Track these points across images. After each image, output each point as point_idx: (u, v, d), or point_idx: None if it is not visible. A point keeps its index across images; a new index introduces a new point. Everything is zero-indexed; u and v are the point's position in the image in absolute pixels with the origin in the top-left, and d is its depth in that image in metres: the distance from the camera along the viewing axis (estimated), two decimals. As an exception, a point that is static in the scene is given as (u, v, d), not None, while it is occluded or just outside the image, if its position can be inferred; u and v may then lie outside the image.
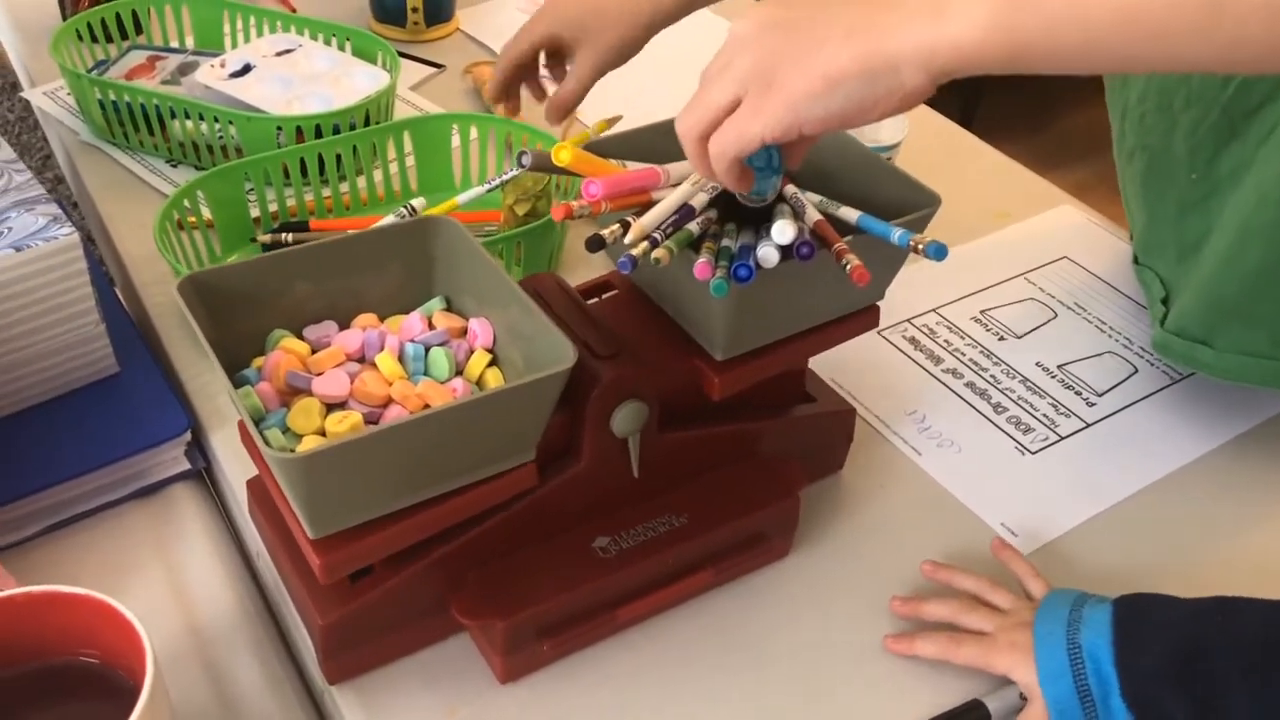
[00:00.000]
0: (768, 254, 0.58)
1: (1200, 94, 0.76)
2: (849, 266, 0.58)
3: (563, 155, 0.60)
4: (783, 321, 0.66)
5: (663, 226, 0.59)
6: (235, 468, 0.75)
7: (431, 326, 0.64)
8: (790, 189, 0.66)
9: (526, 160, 0.62)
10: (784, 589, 0.71)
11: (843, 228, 0.62)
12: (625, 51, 0.84)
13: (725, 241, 0.61)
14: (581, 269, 0.94)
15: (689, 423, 0.67)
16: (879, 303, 0.70)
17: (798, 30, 0.52)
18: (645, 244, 0.57)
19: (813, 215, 0.63)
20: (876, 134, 1.02)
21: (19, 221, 0.72)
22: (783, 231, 0.58)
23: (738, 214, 0.66)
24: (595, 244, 0.57)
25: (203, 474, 0.79)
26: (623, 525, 0.67)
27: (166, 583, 0.71)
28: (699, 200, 0.62)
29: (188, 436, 0.77)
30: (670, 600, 0.68)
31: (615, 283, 0.73)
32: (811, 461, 0.75)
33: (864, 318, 0.70)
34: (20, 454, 0.73)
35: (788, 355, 0.67)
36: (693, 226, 0.61)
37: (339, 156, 0.95)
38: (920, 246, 0.57)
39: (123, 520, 0.75)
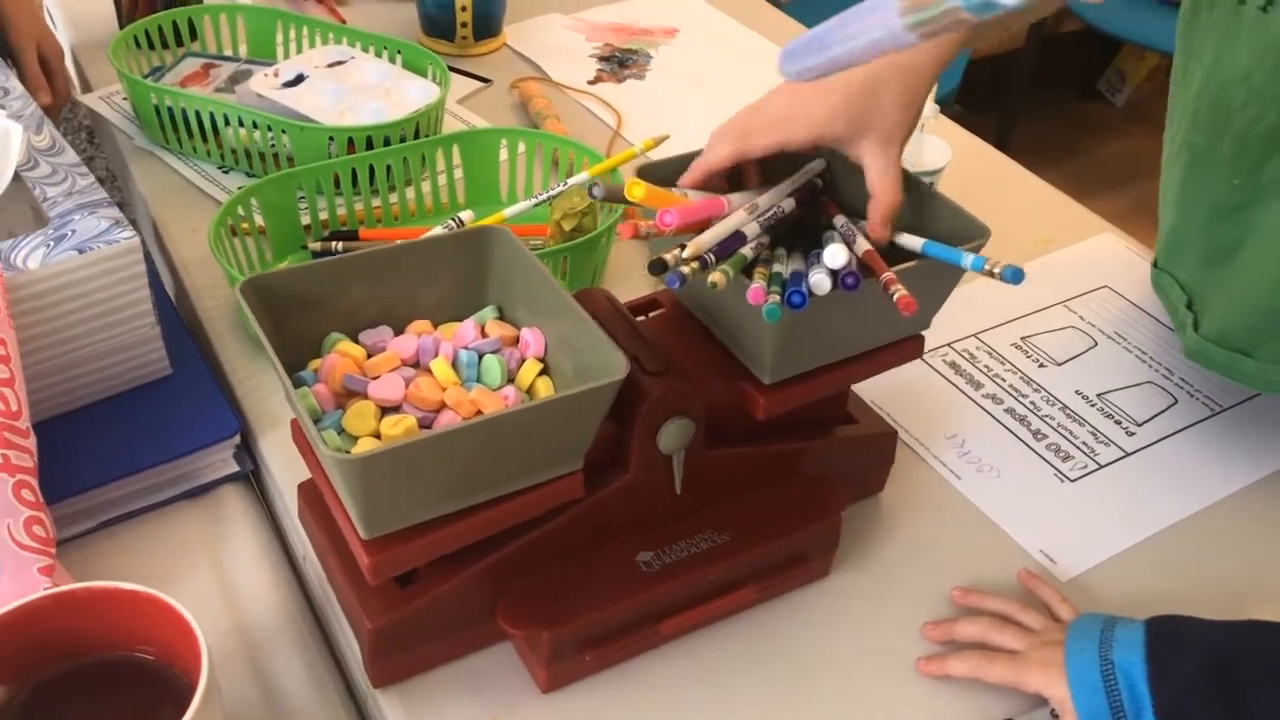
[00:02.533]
0: (820, 280, 0.59)
1: (1261, 92, 0.73)
2: (896, 295, 0.59)
3: (636, 191, 0.62)
4: (830, 348, 0.67)
5: (713, 249, 0.60)
6: (283, 471, 0.77)
7: (484, 334, 0.65)
8: (841, 219, 0.67)
9: (598, 193, 0.63)
10: (823, 608, 0.71)
11: (904, 255, 0.63)
12: (914, 122, 0.69)
13: (776, 267, 0.62)
14: (624, 284, 0.95)
15: (734, 441, 0.68)
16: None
17: None
18: (696, 264, 0.58)
19: (862, 245, 0.64)
20: (920, 159, 1.02)
21: (82, 224, 0.74)
22: (835, 256, 0.59)
23: (787, 240, 0.67)
24: (659, 267, 0.58)
25: (250, 476, 0.80)
26: (666, 540, 0.67)
27: (214, 581, 0.72)
28: (751, 229, 0.63)
29: (237, 439, 0.78)
30: (711, 616, 0.68)
31: (662, 301, 0.74)
32: (852, 482, 0.75)
33: (909, 346, 0.70)
34: (74, 452, 0.75)
35: (833, 381, 0.68)
36: (746, 250, 0.62)
37: (389, 167, 0.97)
38: (996, 271, 0.58)
39: (172, 519, 0.76)
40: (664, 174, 0.69)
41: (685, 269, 0.58)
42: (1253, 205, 0.76)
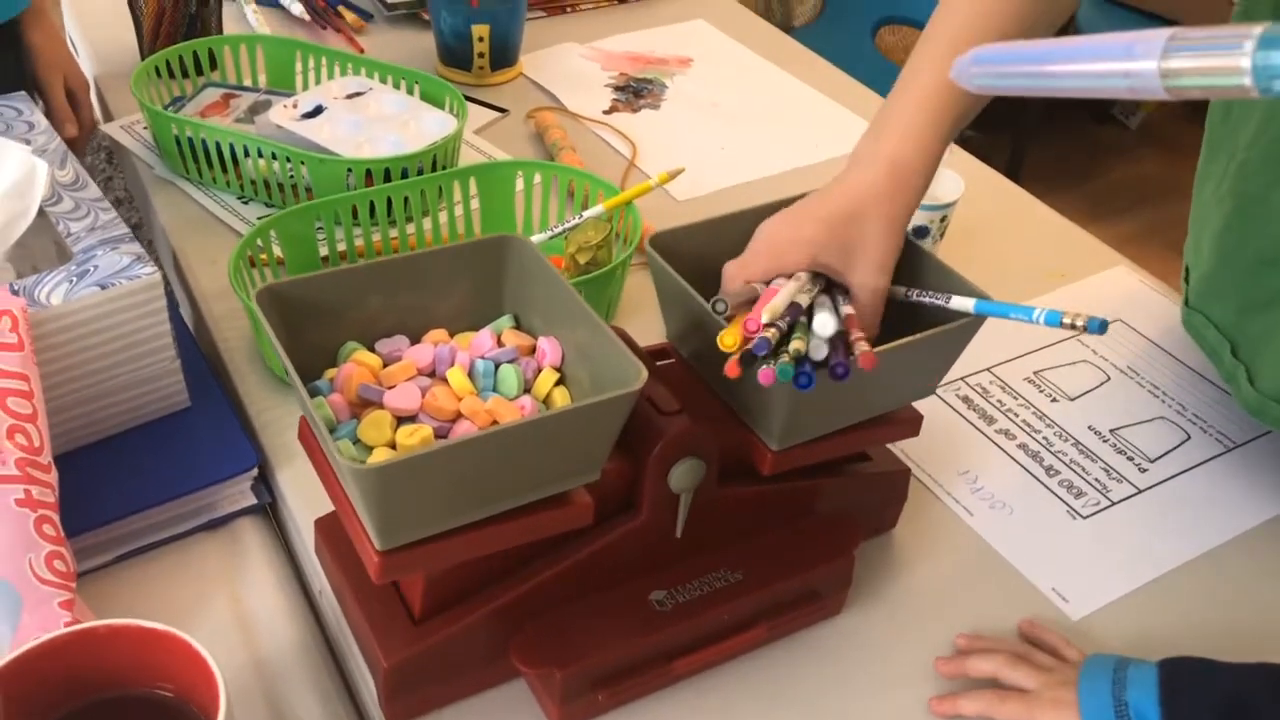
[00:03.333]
0: (817, 345, 0.62)
1: None
2: (857, 353, 0.61)
3: (728, 340, 0.61)
4: (837, 416, 0.67)
5: (778, 321, 0.61)
6: (301, 504, 0.77)
7: (501, 344, 0.65)
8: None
9: (722, 308, 0.65)
10: (836, 646, 0.72)
11: (926, 312, 0.64)
12: (898, 251, 0.68)
13: (796, 344, 0.62)
14: (636, 319, 0.96)
15: (746, 479, 0.68)
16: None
17: None
18: (774, 330, 0.60)
19: (845, 309, 0.65)
20: (934, 193, 1.03)
21: (105, 260, 0.75)
22: (824, 325, 0.62)
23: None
24: (748, 360, 0.59)
25: (268, 509, 0.81)
26: (679, 579, 0.68)
27: (231, 615, 0.73)
28: (804, 299, 0.64)
29: (255, 472, 0.79)
30: (724, 655, 0.69)
31: (672, 352, 0.74)
32: (865, 520, 0.76)
33: (911, 421, 0.72)
34: (94, 485, 0.75)
35: (839, 446, 0.69)
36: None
37: (406, 199, 0.98)
38: (1080, 324, 0.59)
39: (190, 552, 0.77)
40: (677, 242, 0.70)
41: (769, 333, 0.59)
42: None
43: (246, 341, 0.91)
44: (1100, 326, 0.57)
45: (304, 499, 0.77)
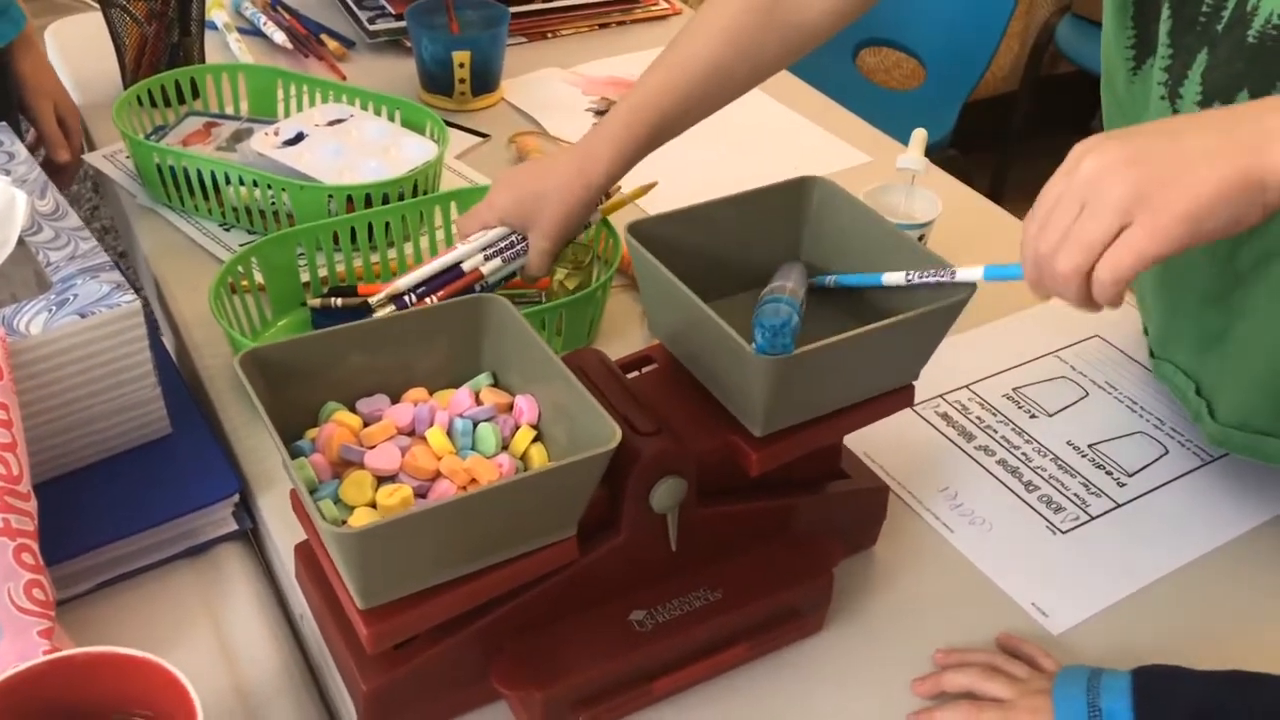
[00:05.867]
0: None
1: None
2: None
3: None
4: (821, 399, 0.68)
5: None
6: (281, 530, 0.78)
7: (479, 402, 0.66)
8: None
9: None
10: (816, 664, 0.72)
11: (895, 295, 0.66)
12: (571, 227, 0.88)
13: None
14: (618, 339, 0.96)
15: (726, 498, 0.69)
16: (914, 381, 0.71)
17: (1157, 158, 0.55)
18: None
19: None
20: (911, 212, 1.04)
21: (84, 288, 0.75)
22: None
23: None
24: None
25: (249, 535, 0.81)
26: (659, 599, 0.68)
27: (213, 641, 0.73)
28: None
29: (236, 497, 0.79)
30: (704, 674, 0.69)
31: (655, 357, 0.75)
32: (845, 537, 0.76)
33: (899, 396, 0.71)
34: (75, 513, 0.75)
35: (825, 433, 0.69)
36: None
37: (388, 224, 0.98)
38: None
39: (171, 578, 0.77)
40: (655, 228, 0.71)
41: None
42: (1234, 291, 0.77)
43: (227, 368, 0.91)
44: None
45: (285, 524, 0.78)
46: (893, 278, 0.69)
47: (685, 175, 1.19)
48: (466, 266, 0.88)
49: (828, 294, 0.73)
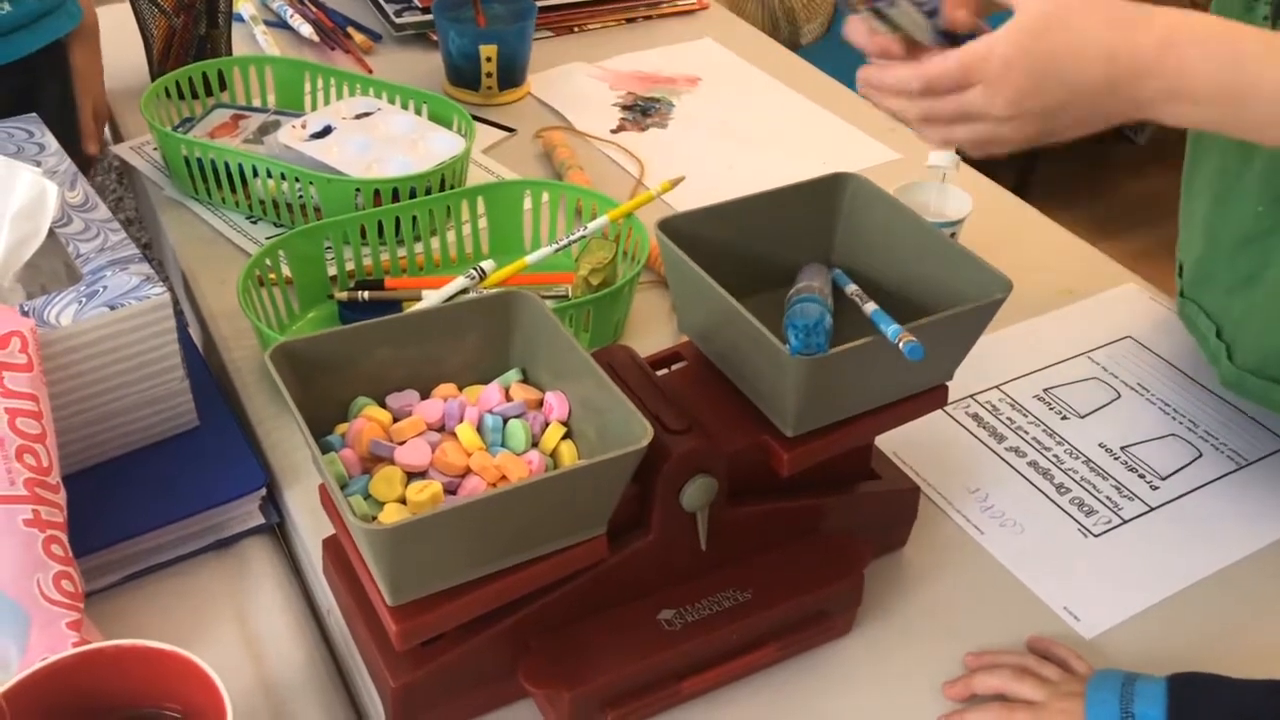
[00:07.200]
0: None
1: None
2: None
3: None
4: (854, 399, 0.67)
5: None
6: (308, 524, 0.77)
7: (509, 398, 0.65)
8: (853, 288, 0.69)
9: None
10: (845, 665, 0.71)
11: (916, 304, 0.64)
12: None
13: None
14: (645, 336, 0.96)
15: (756, 497, 0.68)
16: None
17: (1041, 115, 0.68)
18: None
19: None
20: (942, 210, 1.03)
21: (114, 280, 0.75)
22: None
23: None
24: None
25: (275, 529, 0.81)
26: (688, 598, 0.68)
27: (239, 635, 0.73)
28: None
29: (263, 491, 0.79)
30: (733, 674, 0.68)
31: (685, 355, 0.74)
32: (875, 538, 0.75)
33: (932, 396, 0.71)
34: (102, 505, 0.75)
35: (857, 433, 0.68)
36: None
37: (415, 218, 0.98)
38: (901, 345, 0.61)
39: (198, 571, 0.77)
40: (685, 225, 0.70)
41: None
42: (1272, 234, 0.78)
43: (255, 360, 0.91)
44: (911, 350, 0.61)
45: (312, 518, 0.77)
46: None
47: (710, 171, 1.19)
48: None
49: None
